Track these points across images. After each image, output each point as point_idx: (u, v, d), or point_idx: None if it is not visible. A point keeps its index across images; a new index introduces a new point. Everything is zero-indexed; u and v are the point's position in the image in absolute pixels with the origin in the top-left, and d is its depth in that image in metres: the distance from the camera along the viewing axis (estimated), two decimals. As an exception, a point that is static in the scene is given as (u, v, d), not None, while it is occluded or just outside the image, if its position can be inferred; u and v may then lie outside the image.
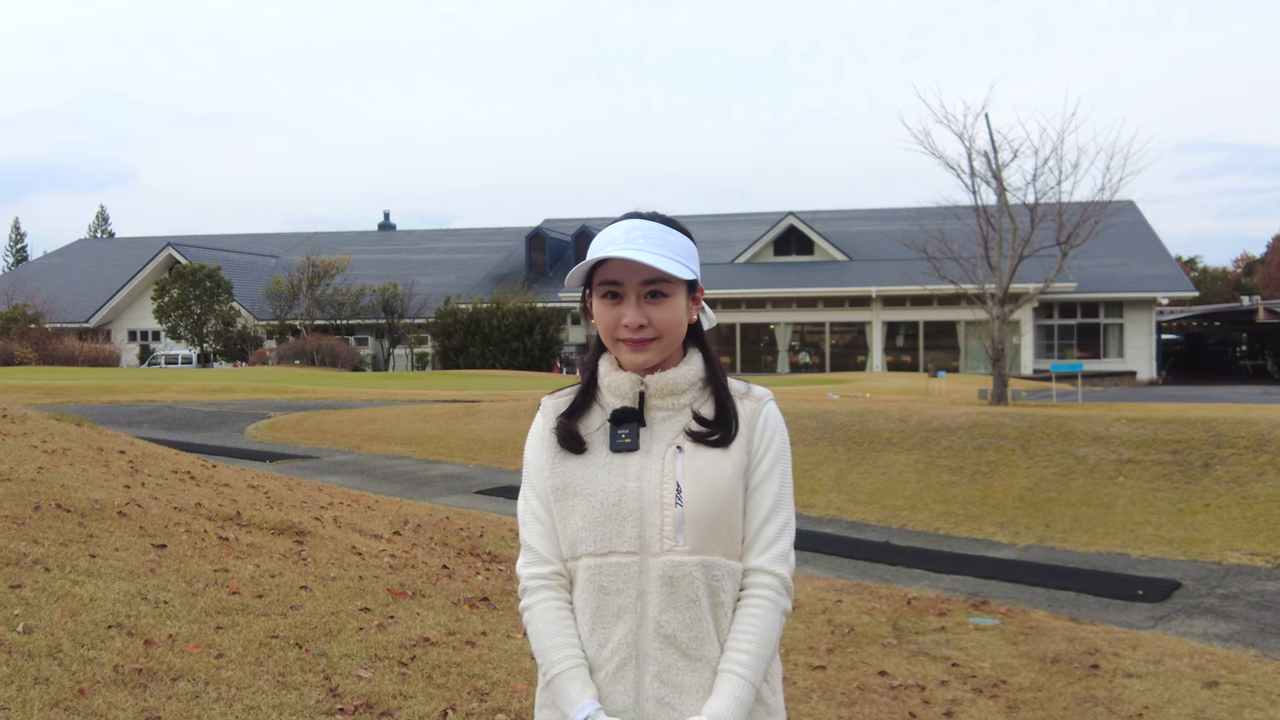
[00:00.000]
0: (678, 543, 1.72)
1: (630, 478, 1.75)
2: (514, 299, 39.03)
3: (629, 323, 1.74)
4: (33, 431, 7.76)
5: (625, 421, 1.78)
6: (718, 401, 1.80)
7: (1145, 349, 37.23)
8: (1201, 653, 5.21)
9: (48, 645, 3.45)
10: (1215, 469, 9.40)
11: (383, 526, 7.18)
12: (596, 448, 1.79)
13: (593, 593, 1.75)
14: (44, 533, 4.82)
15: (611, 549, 1.73)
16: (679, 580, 1.72)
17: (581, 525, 1.75)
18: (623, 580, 1.73)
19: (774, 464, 1.79)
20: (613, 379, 1.81)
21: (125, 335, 47.36)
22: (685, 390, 1.80)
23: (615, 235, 1.75)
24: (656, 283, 1.74)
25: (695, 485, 1.73)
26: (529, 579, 1.81)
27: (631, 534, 1.73)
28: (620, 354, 1.80)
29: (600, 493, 1.75)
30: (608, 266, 1.76)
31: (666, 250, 1.74)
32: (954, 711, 4.23)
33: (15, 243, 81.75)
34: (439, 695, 3.67)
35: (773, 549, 1.77)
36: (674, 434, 1.77)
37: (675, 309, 1.76)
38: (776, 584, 1.76)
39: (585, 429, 1.81)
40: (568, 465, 1.78)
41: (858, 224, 45.47)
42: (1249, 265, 79.05)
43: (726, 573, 1.74)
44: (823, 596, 6.18)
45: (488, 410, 15.75)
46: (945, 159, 17.90)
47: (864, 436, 11.66)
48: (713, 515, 1.73)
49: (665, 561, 1.72)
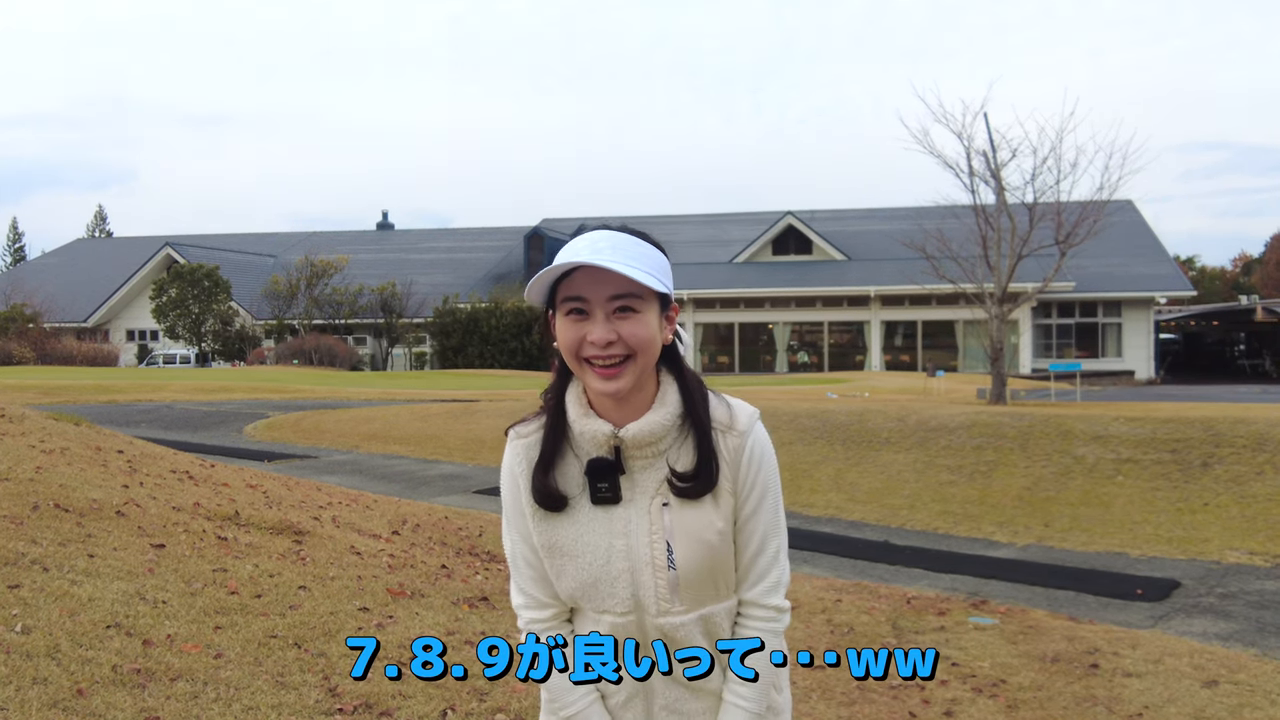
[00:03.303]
0: (674, 605, 1.69)
1: (617, 535, 1.68)
2: (512, 298, 39.01)
3: (595, 339, 1.59)
4: (31, 431, 7.75)
5: (603, 473, 1.68)
6: (698, 442, 1.68)
7: (1143, 348, 37.27)
8: (1201, 652, 5.21)
9: (46, 645, 3.45)
10: (1214, 468, 9.40)
11: (381, 526, 7.17)
12: (577, 501, 1.70)
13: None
14: (42, 532, 4.81)
15: (605, 609, 1.71)
16: (679, 639, 1.71)
17: (574, 585, 1.72)
18: (622, 632, 1.72)
19: (762, 498, 1.72)
20: (584, 427, 1.67)
21: (123, 335, 47.34)
22: (663, 437, 1.68)
23: (580, 247, 1.60)
24: (626, 297, 1.60)
25: (686, 545, 1.67)
26: (529, 623, 1.78)
27: (624, 595, 1.69)
28: (587, 378, 1.64)
29: (588, 554, 1.69)
30: (571, 281, 1.61)
31: (636, 261, 1.59)
32: (954, 711, 4.22)
33: (13, 242, 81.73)
34: (438, 695, 3.67)
35: (765, 580, 1.74)
36: (657, 483, 1.68)
37: (647, 325, 1.62)
38: (770, 614, 1.76)
39: (562, 480, 1.70)
40: (550, 525, 1.71)
41: (856, 223, 45.50)
42: (1247, 265, 79.14)
43: (724, 614, 1.74)
44: (822, 596, 6.17)
45: (486, 410, 15.74)
46: (944, 158, 17.95)
47: (863, 436, 11.66)
48: (707, 571, 1.69)
49: (663, 623, 1.70)
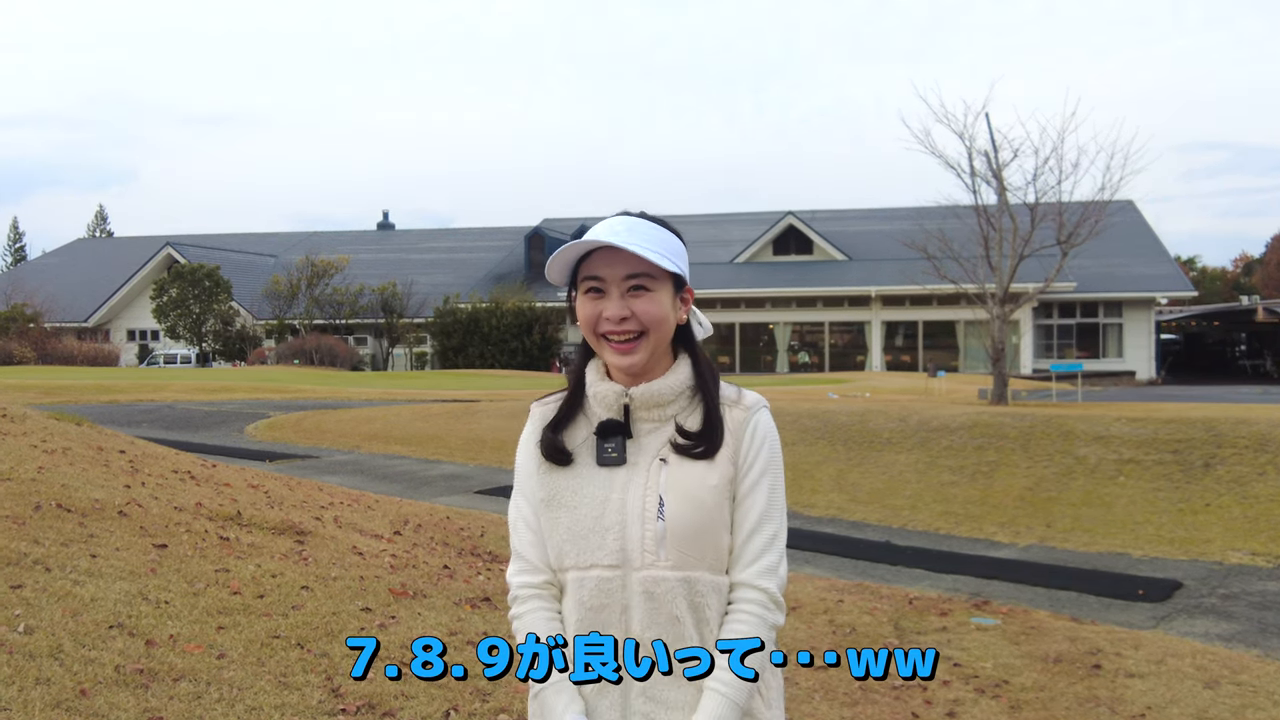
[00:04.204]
0: (659, 557, 1.69)
1: (614, 490, 1.72)
2: (513, 299, 39.01)
3: (611, 315, 1.71)
4: (32, 431, 7.75)
5: (611, 435, 1.75)
6: (706, 411, 1.75)
7: (1144, 349, 37.26)
8: (1203, 653, 5.21)
9: (49, 645, 3.45)
10: (1216, 469, 9.40)
11: (383, 526, 7.17)
12: (582, 460, 1.76)
13: (577, 606, 1.73)
14: (44, 533, 4.81)
15: (593, 562, 1.71)
16: (660, 596, 1.68)
17: (565, 538, 1.73)
18: (606, 595, 1.70)
19: (761, 474, 1.73)
20: (598, 390, 1.78)
21: (124, 335, 47.35)
22: (672, 401, 1.75)
23: (600, 231, 1.72)
24: (639, 276, 1.71)
25: (678, 498, 1.69)
26: (519, 588, 1.79)
27: (613, 547, 1.70)
28: (605, 353, 1.76)
29: (583, 505, 1.72)
30: (591, 262, 1.74)
31: (650, 244, 1.71)
32: (956, 712, 4.22)
33: (14, 242, 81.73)
34: (441, 696, 3.67)
35: (759, 562, 1.72)
36: (660, 446, 1.74)
37: (659, 303, 1.72)
38: (763, 599, 1.72)
39: (571, 441, 1.78)
40: (554, 477, 1.76)
41: (857, 223, 45.48)
42: (1248, 265, 79.10)
43: (711, 588, 1.71)
44: (824, 596, 6.17)
45: (487, 410, 15.74)
46: (945, 158, 17.92)
47: (864, 436, 11.66)
48: (696, 529, 1.69)
49: (646, 576, 1.69)
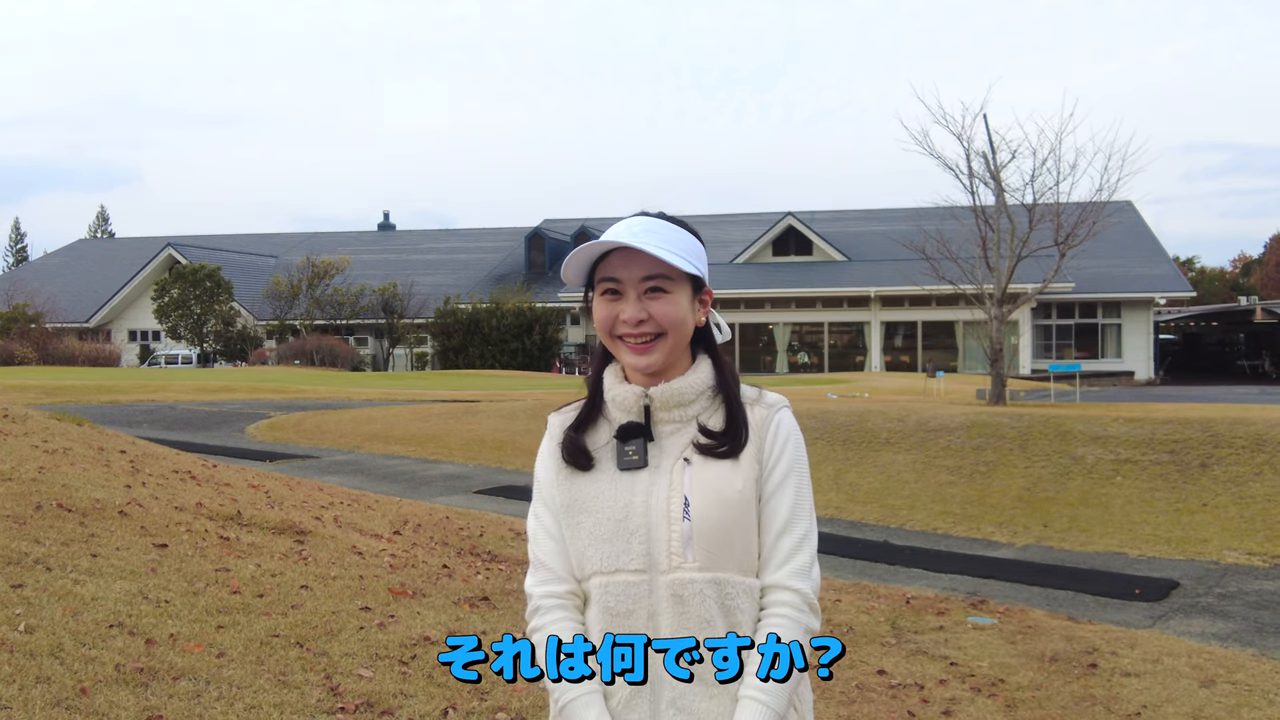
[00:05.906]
0: (686, 559, 1.64)
1: (638, 493, 1.67)
2: (513, 299, 39.05)
3: (627, 318, 1.67)
4: (34, 431, 7.77)
5: (632, 437, 1.70)
6: (728, 410, 1.71)
7: (1143, 349, 37.27)
8: (1199, 652, 5.23)
9: (49, 644, 3.47)
10: (1213, 469, 9.41)
11: (383, 526, 7.19)
12: (604, 464, 1.71)
13: (603, 613, 1.67)
14: (45, 532, 4.83)
15: (619, 567, 1.66)
16: (689, 599, 1.63)
17: (588, 542, 1.68)
18: (632, 600, 1.65)
19: (787, 473, 1.69)
20: (617, 392, 1.73)
21: (125, 335, 47.36)
22: (693, 401, 1.71)
23: (619, 231, 1.68)
24: (656, 278, 1.67)
25: (703, 498, 1.65)
26: (542, 598, 1.72)
27: (638, 550, 1.65)
28: (622, 355, 1.72)
29: (606, 509, 1.68)
30: (608, 263, 1.70)
31: (668, 244, 1.67)
32: (953, 710, 4.24)
33: (15, 243, 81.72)
34: (440, 694, 3.69)
35: (790, 563, 1.66)
36: (683, 447, 1.69)
37: (677, 304, 1.69)
38: (797, 600, 1.66)
39: (593, 444, 1.73)
40: (575, 482, 1.72)
41: (856, 224, 45.51)
42: (1246, 265, 79.06)
43: (742, 590, 1.65)
44: (821, 596, 6.18)
45: (487, 410, 15.76)
46: (944, 160, 17.91)
47: (862, 436, 11.67)
48: (723, 529, 1.64)
49: (674, 579, 1.64)
